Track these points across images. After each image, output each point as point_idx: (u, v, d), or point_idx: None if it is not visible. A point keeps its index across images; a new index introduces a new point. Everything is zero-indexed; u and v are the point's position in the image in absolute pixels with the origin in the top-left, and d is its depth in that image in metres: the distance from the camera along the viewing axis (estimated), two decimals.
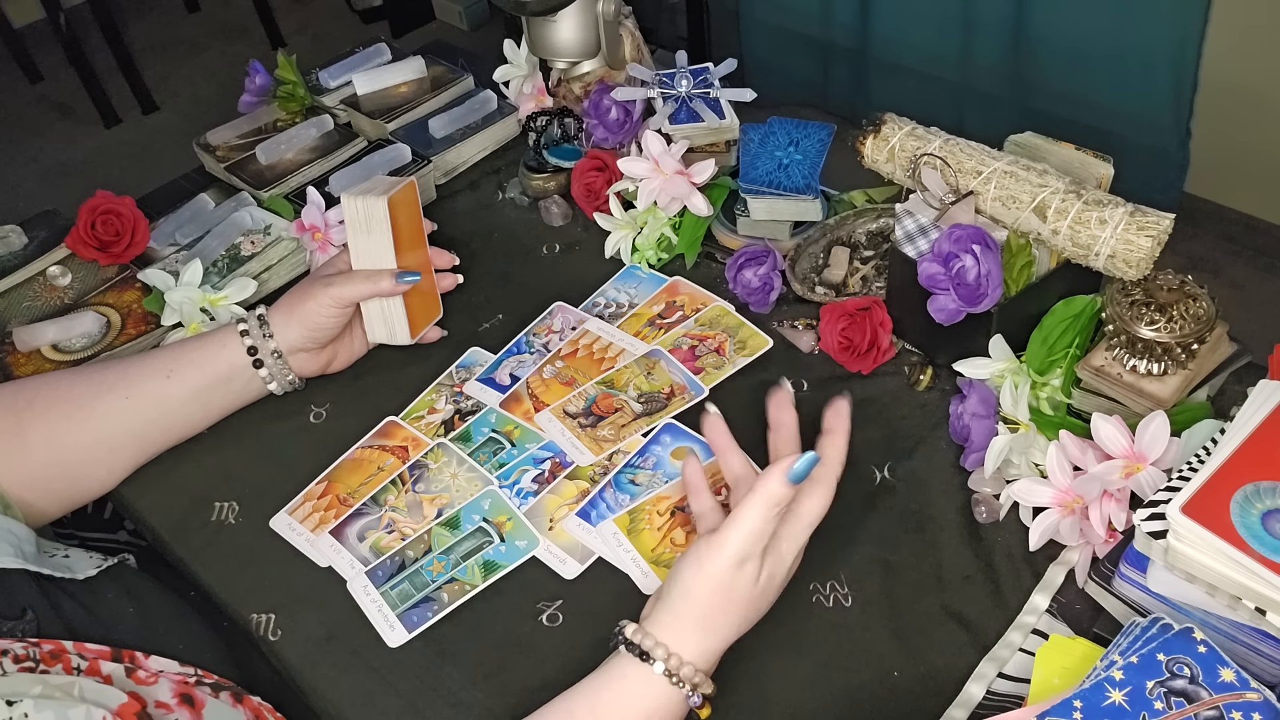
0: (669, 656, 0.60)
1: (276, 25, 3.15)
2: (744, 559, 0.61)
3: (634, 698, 0.60)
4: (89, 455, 0.78)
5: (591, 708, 0.60)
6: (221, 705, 0.62)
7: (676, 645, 0.60)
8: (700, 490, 0.70)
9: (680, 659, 0.60)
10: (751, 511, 0.61)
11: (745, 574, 0.61)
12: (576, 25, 0.98)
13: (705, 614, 0.61)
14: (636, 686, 0.60)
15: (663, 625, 0.61)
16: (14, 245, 1.03)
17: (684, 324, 0.90)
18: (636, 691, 0.60)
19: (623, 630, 0.62)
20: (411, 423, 0.85)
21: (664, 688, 0.60)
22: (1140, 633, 0.55)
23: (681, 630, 0.61)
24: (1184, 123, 1.93)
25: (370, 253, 0.83)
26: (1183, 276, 0.72)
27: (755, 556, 0.61)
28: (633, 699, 0.60)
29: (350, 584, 0.74)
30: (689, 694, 0.60)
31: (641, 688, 0.60)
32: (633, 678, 0.60)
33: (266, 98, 1.16)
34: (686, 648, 0.61)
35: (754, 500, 0.61)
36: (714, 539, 0.61)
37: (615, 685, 0.60)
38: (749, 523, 0.60)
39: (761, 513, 0.60)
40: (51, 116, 2.99)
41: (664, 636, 0.61)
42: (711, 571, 0.61)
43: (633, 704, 0.60)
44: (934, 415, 0.81)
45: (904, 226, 0.78)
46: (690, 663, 0.60)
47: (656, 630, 0.61)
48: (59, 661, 0.59)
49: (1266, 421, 0.58)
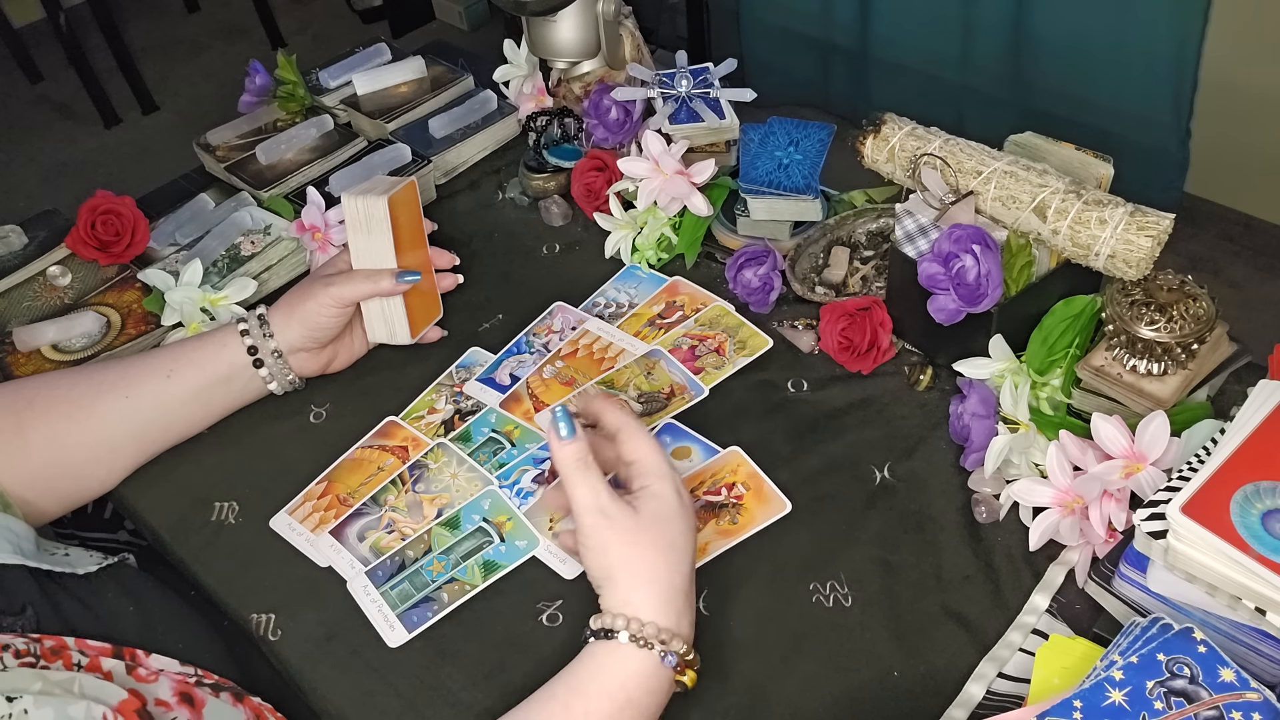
0: (629, 622, 0.61)
1: (276, 25, 3.16)
2: (598, 513, 0.63)
3: (608, 670, 0.61)
4: (89, 455, 0.78)
5: (571, 688, 0.61)
6: (221, 705, 0.62)
7: (631, 611, 0.62)
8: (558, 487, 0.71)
9: (639, 621, 0.61)
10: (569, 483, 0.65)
11: (616, 520, 0.63)
12: (576, 25, 0.98)
13: (626, 571, 0.63)
14: (608, 659, 0.61)
15: (610, 601, 0.63)
16: (14, 245, 1.03)
17: (684, 324, 0.90)
18: (609, 664, 0.61)
19: (588, 624, 0.63)
20: (411, 423, 0.85)
21: (633, 653, 0.60)
22: (1140, 633, 0.55)
23: (625, 597, 0.62)
24: (1184, 123, 1.93)
25: (370, 253, 0.83)
26: (1183, 276, 0.72)
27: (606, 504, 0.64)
28: (607, 671, 0.61)
29: (350, 584, 0.74)
30: (662, 655, 0.61)
31: (613, 659, 0.61)
32: (602, 653, 0.61)
33: (266, 98, 1.16)
34: (639, 608, 0.62)
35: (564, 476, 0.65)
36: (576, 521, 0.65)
37: (587, 664, 0.62)
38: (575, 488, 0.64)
39: (573, 476, 0.64)
40: (51, 116, 2.99)
41: (617, 608, 0.62)
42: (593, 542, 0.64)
43: (608, 676, 0.60)
44: (934, 415, 0.81)
45: (904, 226, 0.78)
46: (651, 621, 0.61)
47: (608, 608, 0.63)
48: (60, 657, 0.59)
49: (1266, 421, 0.58)
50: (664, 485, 0.66)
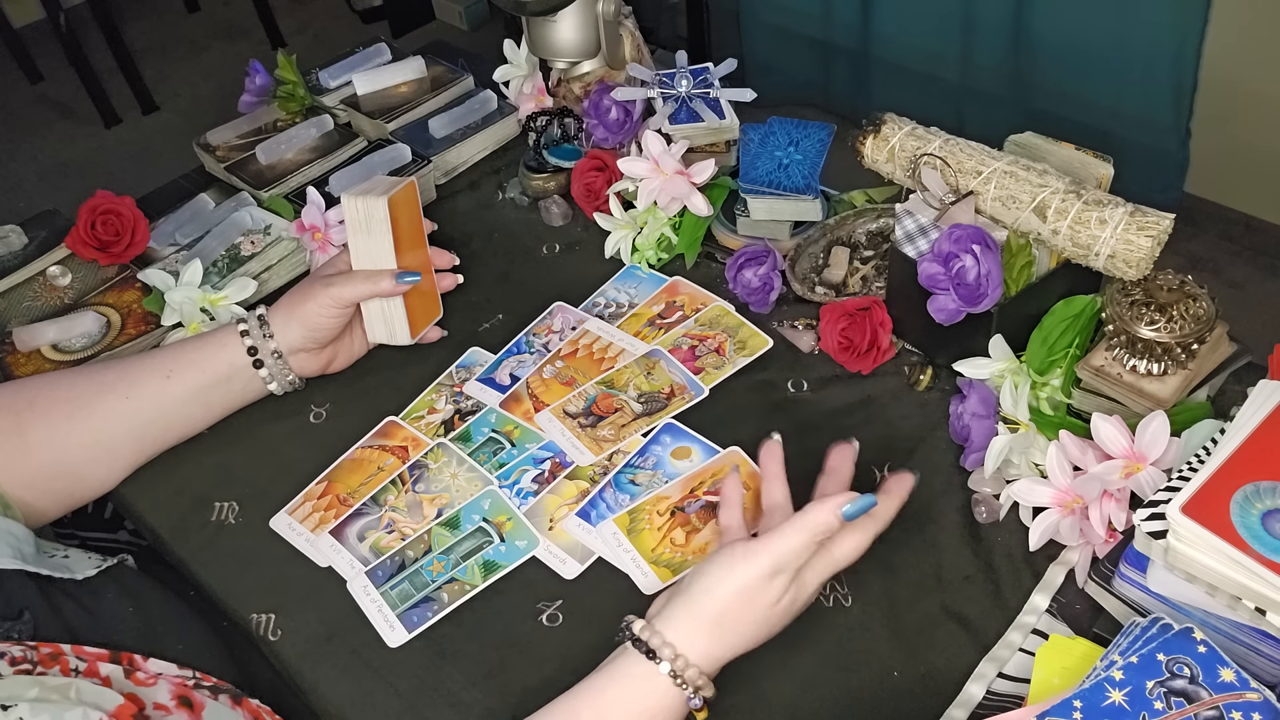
0: (675, 657, 0.60)
1: (276, 25, 3.15)
2: (776, 572, 0.61)
3: (638, 697, 0.60)
4: (89, 455, 0.78)
5: (595, 708, 0.60)
6: (220, 707, 0.62)
7: (684, 646, 0.60)
8: (734, 505, 0.71)
9: (687, 660, 0.60)
10: (796, 531, 0.61)
11: (773, 587, 0.61)
12: (576, 25, 0.98)
13: (722, 617, 0.61)
14: (642, 685, 0.60)
15: (674, 623, 0.61)
16: (14, 245, 1.03)
17: (684, 324, 0.90)
18: (641, 690, 0.60)
19: (630, 626, 0.62)
20: (411, 423, 0.85)
21: (667, 688, 0.60)
22: (1140, 633, 0.55)
23: (692, 631, 0.61)
24: (1184, 123, 1.93)
25: (370, 253, 0.83)
26: (1183, 276, 0.72)
27: (786, 573, 0.61)
28: (636, 698, 0.60)
29: (350, 584, 0.74)
30: (690, 696, 0.60)
31: (647, 687, 0.60)
32: (638, 676, 0.60)
33: (266, 98, 1.16)
34: (694, 649, 0.60)
35: (802, 522, 0.62)
36: (751, 546, 0.62)
37: (620, 683, 0.60)
38: (791, 540, 0.61)
39: (806, 535, 0.61)
40: (51, 116, 2.99)
41: (672, 636, 0.61)
42: (741, 575, 0.61)
43: (636, 704, 0.59)
44: (934, 415, 0.81)
45: (904, 226, 0.78)
46: (696, 665, 0.60)
47: (665, 628, 0.61)
48: (57, 663, 0.59)
49: (1266, 421, 0.58)
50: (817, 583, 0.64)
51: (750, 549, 0.61)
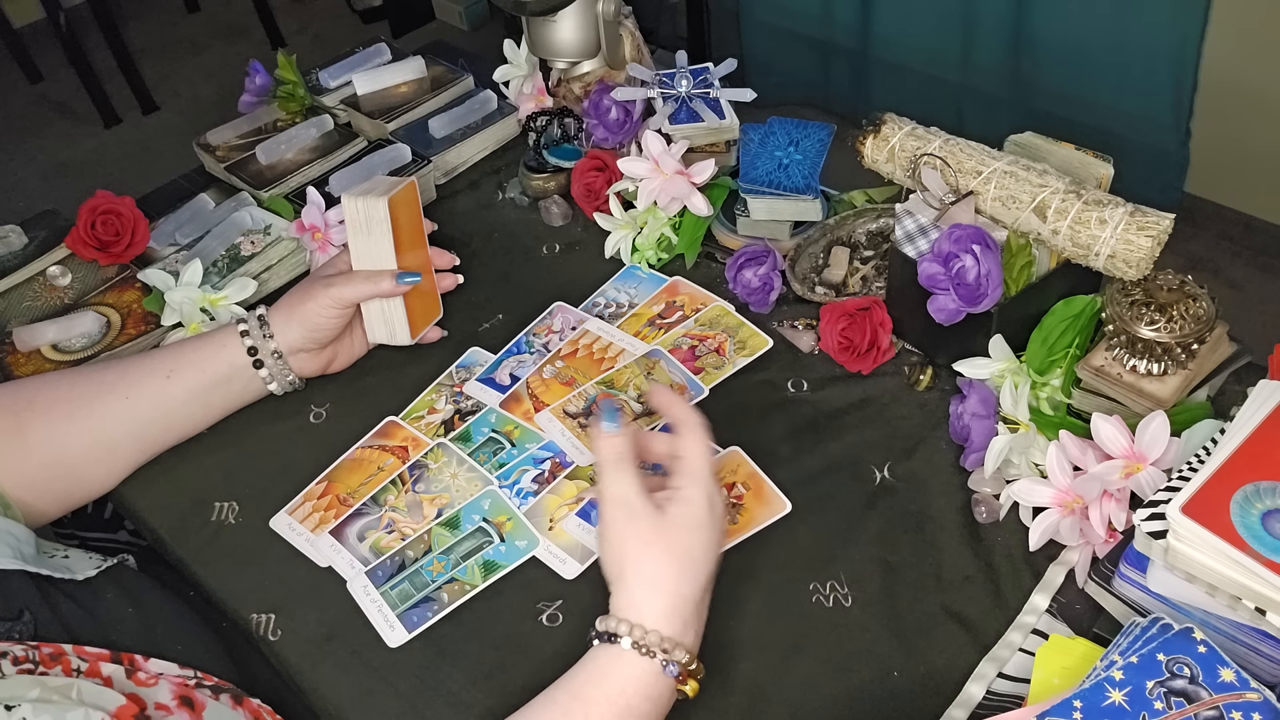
0: (632, 628, 0.61)
1: (276, 25, 3.15)
2: (624, 505, 0.64)
3: (609, 675, 0.60)
4: (89, 455, 0.78)
5: (571, 691, 0.61)
6: (221, 707, 0.62)
7: (636, 616, 0.61)
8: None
9: (643, 628, 0.61)
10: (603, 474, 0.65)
11: (638, 519, 0.63)
12: (576, 25, 0.98)
13: (636, 573, 0.62)
14: (609, 665, 0.61)
15: (617, 603, 0.63)
16: (14, 245, 1.03)
17: (684, 324, 0.90)
18: (610, 669, 0.60)
19: (594, 624, 0.63)
20: (411, 423, 0.85)
21: (634, 660, 0.60)
22: (1140, 633, 0.55)
23: (631, 600, 0.62)
24: (1184, 123, 1.93)
25: (370, 253, 0.83)
26: (1183, 276, 0.72)
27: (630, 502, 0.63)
28: (607, 677, 0.60)
29: (350, 584, 0.74)
30: (664, 664, 0.60)
31: (615, 664, 0.60)
32: (605, 658, 0.61)
33: (266, 98, 1.16)
34: (644, 614, 0.61)
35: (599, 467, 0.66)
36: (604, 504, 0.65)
37: (589, 668, 0.61)
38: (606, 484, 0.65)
39: (608, 471, 0.65)
40: (51, 116, 2.99)
41: (623, 613, 0.62)
42: (610, 536, 0.64)
43: (608, 682, 0.60)
44: (934, 415, 0.81)
45: (904, 226, 0.78)
46: (654, 629, 0.61)
47: (616, 611, 0.62)
48: (58, 664, 0.59)
49: (1266, 421, 0.58)
50: (697, 491, 0.65)
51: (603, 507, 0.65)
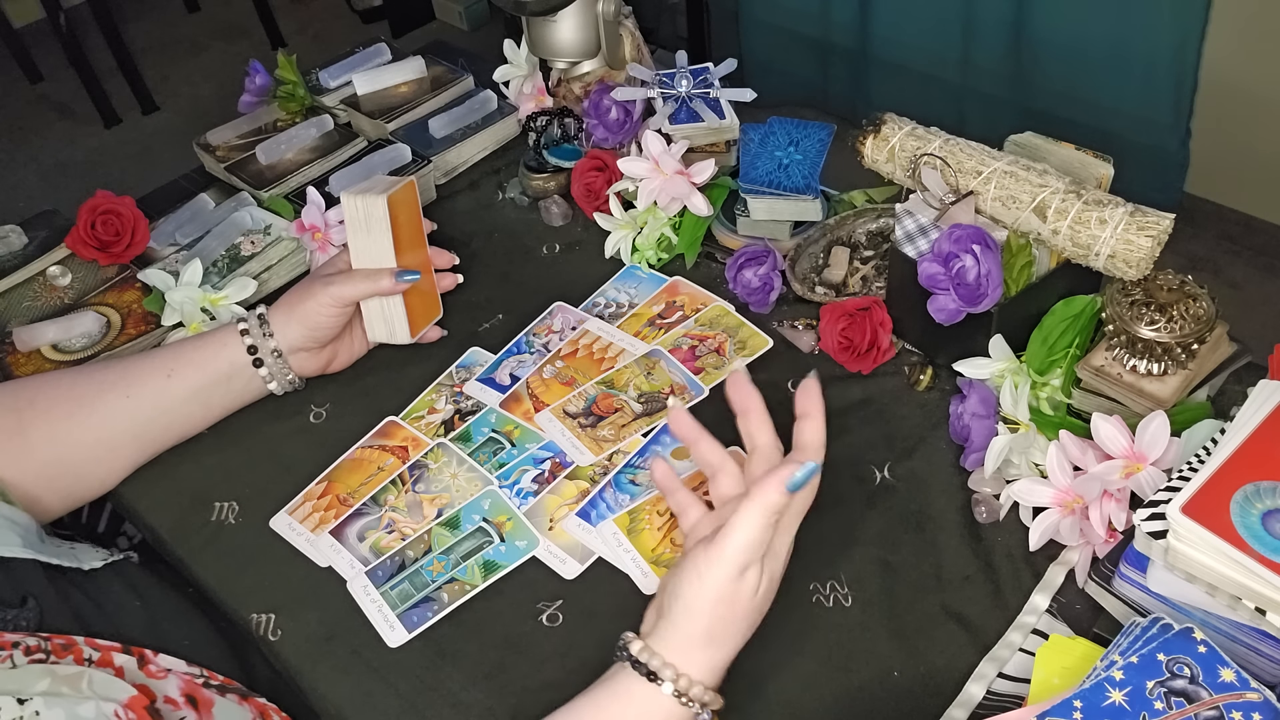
0: (678, 677, 0.58)
1: (276, 25, 3.15)
2: (745, 568, 0.59)
3: (645, 714, 0.59)
4: (89, 454, 0.78)
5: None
6: (228, 704, 0.62)
7: (684, 665, 0.59)
8: (674, 490, 0.69)
9: (690, 679, 0.59)
10: (749, 520, 0.58)
11: (747, 583, 0.60)
12: (576, 25, 0.98)
13: (710, 629, 0.59)
14: (646, 705, 0.59)
15: (668, 644, 0.60)
16: (14, 245, 1.03)
17: (684, 324, 0.90)
18: (646, 710, 0.58)
19: (627, 646, 0.60)
20: (411, 423, 0.85)
21: (674, 708, 0.59)
22: (1140, 633, 0.55)
23: (688, 649, 0.59)
24: (1184, 123, 1.93)
25: (370, 252, 0.83)
26: (1183, 276, 0.72)
27: (755, 564, 0.60)
28: (638, 712, 0.59)
29: (350, 584, 0.74)
30: (698, 712, 0.59)
31: (651, 707, 0.59)
32: (640, 696, 0.59)
33: (266, 98, 1.16)
34: (694, 666, 0.59)
35: (752, 509, 0.58)
36: (712, 550, 0.59)
37: (622, 701, 0.59)
38: (748, 532, 0.58)
39: (760, 522, 0.58)
40: (51, 116, 2.99)
41: (671, 656, 0.59)
42: (712, 584, 0.59)
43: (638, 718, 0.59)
44: (934, 415, 0.81)
45: (904, 226, 0.78)
46: (700, 681, 0.59)
47: (663, 649, 0.59)
48: (70, 653, 0.59)
49: (1266, 421, 0.58)
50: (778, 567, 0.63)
51: (711, 555, 0.59)
